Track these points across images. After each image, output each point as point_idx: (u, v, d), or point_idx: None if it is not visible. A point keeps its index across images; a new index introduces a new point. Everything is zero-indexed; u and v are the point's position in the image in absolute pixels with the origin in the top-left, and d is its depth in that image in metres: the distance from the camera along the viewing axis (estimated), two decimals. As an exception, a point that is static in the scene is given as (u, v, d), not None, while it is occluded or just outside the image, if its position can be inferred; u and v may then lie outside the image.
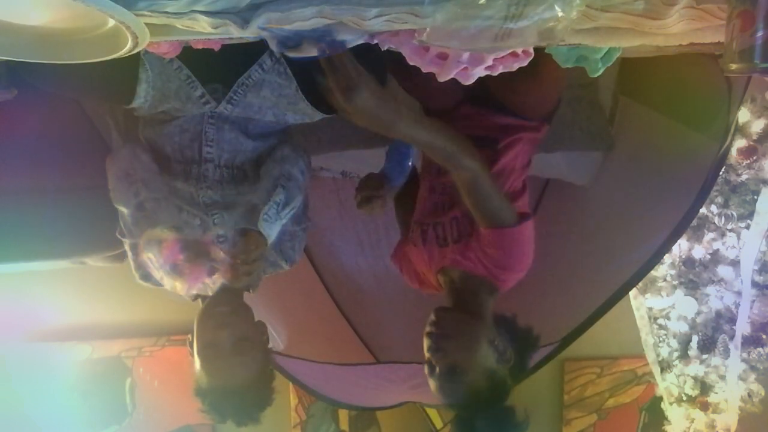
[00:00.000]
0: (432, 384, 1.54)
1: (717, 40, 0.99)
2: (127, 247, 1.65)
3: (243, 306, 1.65)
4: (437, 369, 1.50)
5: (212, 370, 1.57)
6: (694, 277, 2.46)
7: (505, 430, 1.54)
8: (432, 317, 1.54)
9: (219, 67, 1.45)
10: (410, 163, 1.91)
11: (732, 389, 2.49)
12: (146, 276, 1.63)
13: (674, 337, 2.55)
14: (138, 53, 1.33)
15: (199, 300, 1.67)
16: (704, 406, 2.57)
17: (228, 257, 1.50)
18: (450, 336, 1.50)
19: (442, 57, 1.12)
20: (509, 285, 1.60)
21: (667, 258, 2.41)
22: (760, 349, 2.44)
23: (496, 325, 1.57)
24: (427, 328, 1.53)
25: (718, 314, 2.48)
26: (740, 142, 2.20)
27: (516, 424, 1.54)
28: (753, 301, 2.41)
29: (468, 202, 1.50)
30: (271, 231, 1.52)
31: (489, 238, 1.51)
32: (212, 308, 1.59)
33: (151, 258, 1.49)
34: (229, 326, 1.56)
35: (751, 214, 2.31)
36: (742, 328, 2.43)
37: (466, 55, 1.10)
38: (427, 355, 1.52)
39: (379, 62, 1.51)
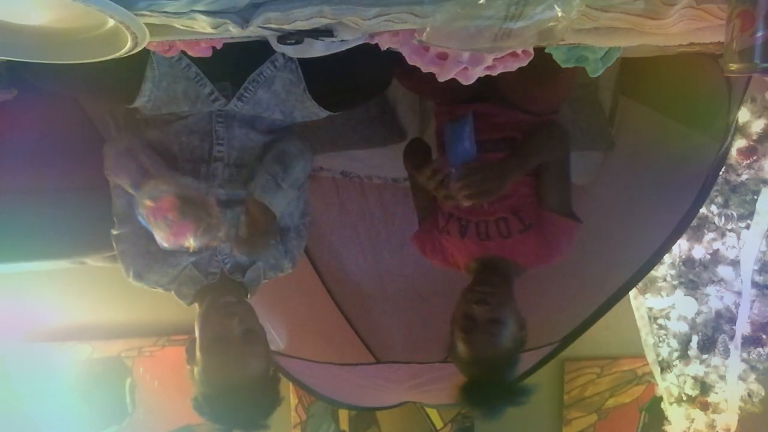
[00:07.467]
0: (465, 339, 1.68)
1: (717, 40, 0.99)
2: (115, 244, 1.64)
3: (246, 300, 1.66)
4: (477, 322, 1.66)
5: (221, 365, 1.55)
6: (694, 277, 2.46)
7: (510, 399, 1.70)
8: (481, 277, 1.75)
9: (227, 65, 1.45)
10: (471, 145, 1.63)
11: (732, 389, 2.49)
12: (139, 275, 1.63)
13: (674, 337, 2.55)
14: (148, 52, 1.32)
15: (197, 304, 1.66)
16: (704, 406, 2.57)
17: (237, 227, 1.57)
18: (496, 294, 1.69)
19: (442, 57, 1.12)
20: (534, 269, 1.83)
21: (667, 258, 2.41)
22: (760, 349, 2.44)
23: None
24: (477, 287, 1.71)
25: (718, 314, 2.48)
26: (740, 142, 2.20)
27: (519, 395, 1.71)
28: (753, 301, 2.40)
29: (546, 187, 1.73)
30: (274, 199, 1.55)
31: (553, 225, 1.73)
32: (218, 299, 1.59)
33: (148, 205, 1.47)
34: (237, 315, 1.57)
35: (751, 214, 2.31)
36: (742, 328, 2.43)
37: (466, 55, 1.10)
38: (468, 309, 1.68)
39: (388, 64, 1.51)
